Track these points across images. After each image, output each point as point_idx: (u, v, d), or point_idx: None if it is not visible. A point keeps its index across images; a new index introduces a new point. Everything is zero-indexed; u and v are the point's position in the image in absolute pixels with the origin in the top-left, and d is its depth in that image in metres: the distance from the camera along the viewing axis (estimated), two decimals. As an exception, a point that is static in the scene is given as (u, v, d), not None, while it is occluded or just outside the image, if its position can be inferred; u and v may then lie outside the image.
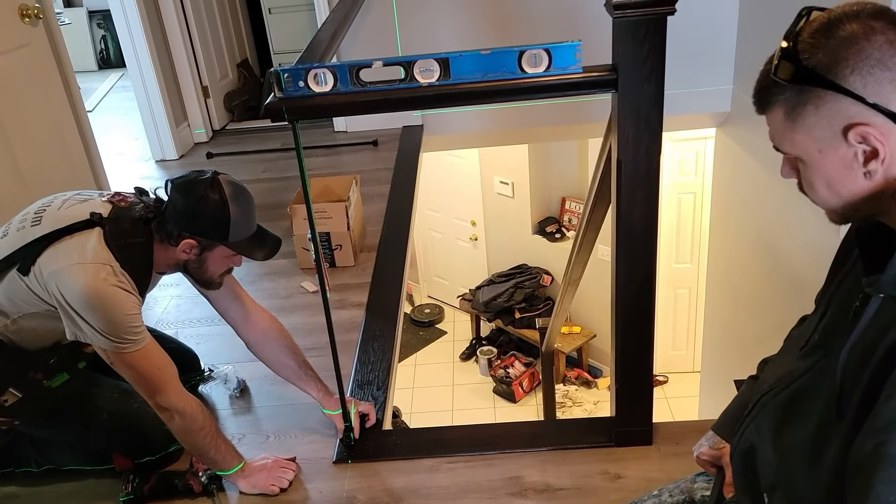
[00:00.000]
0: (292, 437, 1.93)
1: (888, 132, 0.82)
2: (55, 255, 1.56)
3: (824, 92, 0.83)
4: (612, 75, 1.43)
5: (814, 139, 0.86)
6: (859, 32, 0.82)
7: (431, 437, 2.04)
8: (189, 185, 1.64)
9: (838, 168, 0.86)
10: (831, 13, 0.85)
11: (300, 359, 1.90)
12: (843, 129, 0.83)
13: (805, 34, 0.86)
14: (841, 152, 0.85)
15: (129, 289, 1.58)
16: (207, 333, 2.41)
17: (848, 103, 0.82)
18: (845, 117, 0.83)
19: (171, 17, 4.03)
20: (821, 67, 0.83)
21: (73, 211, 1.63)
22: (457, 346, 6.51)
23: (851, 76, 0.81)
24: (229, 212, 1.62)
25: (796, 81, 0.85)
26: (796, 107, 0.86)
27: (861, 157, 0.84)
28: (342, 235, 2.70)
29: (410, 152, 3.73)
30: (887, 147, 0.82)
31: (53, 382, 1.75)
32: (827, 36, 0.84)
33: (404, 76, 1.39)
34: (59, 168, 2.89)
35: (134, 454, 1.80)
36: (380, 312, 2.46)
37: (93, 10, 6.79)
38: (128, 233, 1.63)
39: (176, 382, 1.65)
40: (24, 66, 2.71)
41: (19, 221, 1.65)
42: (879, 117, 0.81)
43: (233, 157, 4.05)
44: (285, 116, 1.44)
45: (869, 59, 0.81)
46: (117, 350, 1.56)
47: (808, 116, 0.86)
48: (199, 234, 1.65)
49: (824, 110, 0.84)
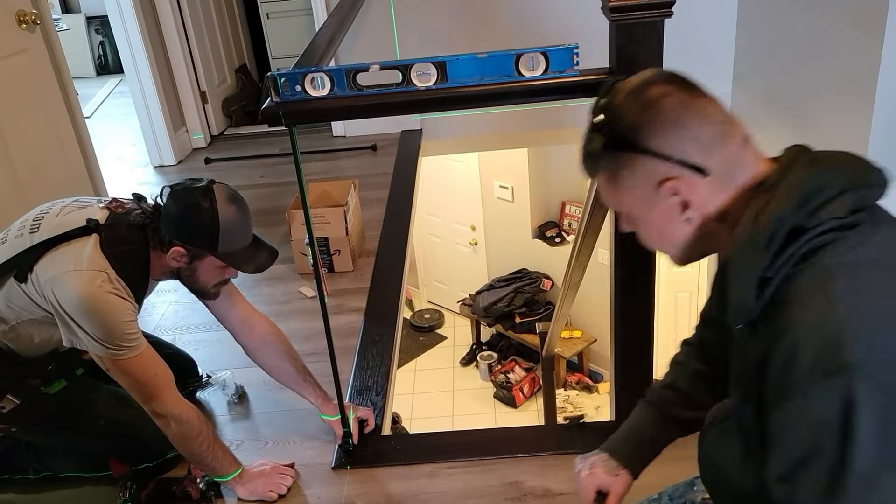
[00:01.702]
0: (291, 443, 1.92)
1: (694, 183, 0.91)
2: (52, 262, 1.56)
3: (634, 155, 0.93)
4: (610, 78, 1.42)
5: (636, 197, 0.96)
6: (656, 98, 0.91)
7: (430, 442, 2.04)
8: (183, 192, 1.62)
9: (663, 220, 0.96)
10: (632, 83, 0.95)
11: (299, 364, 1.89)
12: (656, 185, 0.93)
13: (611, 104, 0.95)
14: (661, 206, 0.94)
15: (125, 296, 1.57)
16: (205, 339, 2.40)
17: (656, 163, 0.92)
18: (657, 175, 0.92)
19: (169, 23, 4.03)
20: (628, 134, 0.92)
21: (71, 218, 1.63)
22: (457, 352, 6.50)
23: (654, 138, 0.91)
24: (219, 221, 1.60)
25: (608, 149, 0.95)
26: (615, 171, 0.96)
27: (678, 208, 0.93)
28: (341, 240, 2.69)
29: (409, 157, 3.73)
30: (697, 196, 0.92)
31: (51, 389, 1.75)
32: (629, 104, 0.93)
33: (401, 80, 1.39)
34: (57, 174, 2.88)
35: (131, 461, 1.80)
36: (379, 317, 2.45)
37: (91, 16, 6.80)
38: (124, 239, 1.62)
39: (172, 389, 1.64)
40: (22, 72, 2.71)
41: (17, 228, 1.65)
42: (685, 171, 0.91)
43: (231, 162, 4.05)
44: (282, 121, 1.44)
45: (666, 121, 0.90)
46: (113, 357, 1.55)
47: (627, 178, 0.95)
48: (189, 242, 1.63)
49: (639, 171, 0.94)
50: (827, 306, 0.79)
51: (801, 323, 0.80)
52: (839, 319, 0.78)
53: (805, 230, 0.83)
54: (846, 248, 0.82)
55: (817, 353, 0.78)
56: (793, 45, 3.20)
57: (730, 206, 0.92)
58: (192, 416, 1.65)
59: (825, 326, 0.78)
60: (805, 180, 0.86)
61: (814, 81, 3.03)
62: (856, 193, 0.85)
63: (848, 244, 0.82)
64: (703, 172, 0.91)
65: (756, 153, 0.93)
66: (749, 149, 0.93)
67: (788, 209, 0.84)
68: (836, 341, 0.77)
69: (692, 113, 0.91)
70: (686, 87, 0.93)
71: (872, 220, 0.85)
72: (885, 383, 0.76)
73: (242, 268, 1.70)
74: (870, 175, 0.88)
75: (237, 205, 1.65)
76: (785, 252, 0.84)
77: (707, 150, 0.90)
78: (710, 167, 0.90)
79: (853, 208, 0.84)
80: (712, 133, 0.91)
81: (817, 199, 0.84)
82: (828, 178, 0.86)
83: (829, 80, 2.89)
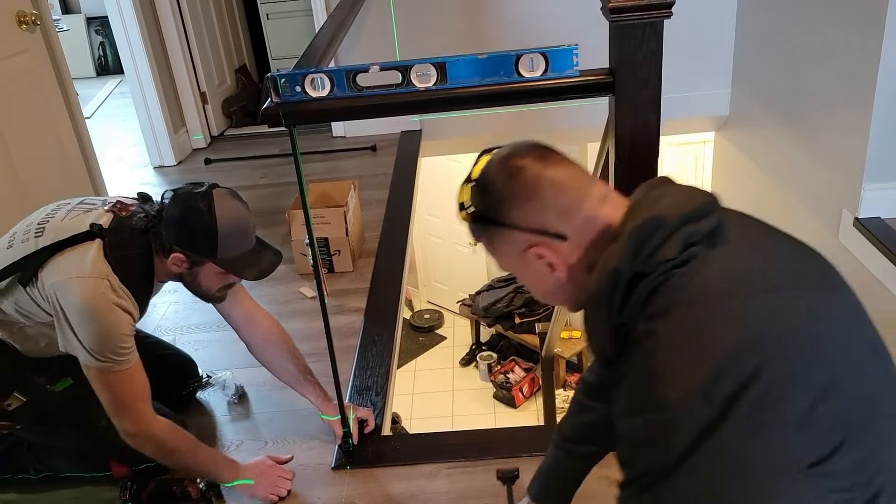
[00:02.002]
0: (291, 443, 1.92)
1: (556, 247, 0.98)
2: (56, 268, 1.56)
3: (499, 228, 1.00)
4: (610, 79, 1.43)
5: (510, 261, 1.04)
6: (516, 172, 0.98)
7: (430, 442, 2.04)
8: (183, 196, 1.61)
9: (538, 278, 1.03)
10: (498, 156, 1.02)
11: (301, 363, 1.89)
12: (523, 252, 1.00)
13: (479, 179, 1.02)
14: (533, 267, 1.01)
15: (128, 305, 1.57)
16: (205, 340, 2.41)
17: (519, 233, 0.99)
18: (521, 243, 0.99)
19: (169, 24, 4.03)
20: (490, 211, 1.00)
21: (75, 222, 1.63)
22: (457, 352, 6.49)
23: (514, 211, 0.98)
24: (217, 227, 1.58)
25: (475, 223, 1.03)
26: (489, 239, 1.04)
27: (547, 269, 1.00)
28: (340, 241, 2.69)
29: (409, 157, 3.74)
30: (560, 257, 0.99)
31: (57, 387, 1.75)
32: (489, 182, 1.00)
33: (401, 81, 1.39)
34: (57, 175, 2.88)
35: (132, 461, 1.79)
36: (378, 318, 2.45)
37: (91, 17, 6.79)
38: (127, 244, 1.61)
39: (145, 406, 1.62)
40: (22, 72, 2.71)
41: (23, 232, 1.65)
42: (546, 238, 0.98)
43: (231, 162, 4.05)
44: (282, 122, 1.44)
45: (524, 194, 0.98)
46: (99, 368, 1.55)
47: (499, 245, 1.03)
48: (188, 249, 1.62)
49: (507, 241, 1.01)
50: (653, 347, 0.86)
51: (634, 365, 0.89)
52: (657, 361, 0.85)
53: (644, 276, 0.89)
54: (674, 288, 0.88)
55: (640, 393, 0.87)
56: (792, 45, 3.21)
57: (593, 258, 0.97)
58: (163, 434, 1.64)
59: (648, 367, 0.86)
60: (634, 232, 0.90)
61: (813, 82, 3.03)
62: (687, 230, 0.90)
63: (678, 282, 0.88)
64: (562, 238, 0.98)
65: (615, 205, 0.98)
66: (607, 204, 0.98)
67: (622, 262, 0.90)
68: (652, 383, 0.85)
69: (547, 185, 0.97)
70: (543, 159, 0.99)
71: (710, 245, 0.90)
72: (695, 416, 0.81)
73: (243, 274, 1.69)
74: (700, 208, 0.92)
75: (237, 209, 1.64)
76: (629, 301, 0.90)
77: (563, 217, 0.97)
78: (568, 232, 0.98)
79: (686, 244, 0.89)
80: (567, 201, 0.97)
81: (649, 246, 0.89)
82: (656, 224, 0.90)
83: (828, 81, 2.89)
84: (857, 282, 0.93)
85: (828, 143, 2.91)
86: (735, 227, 0.94)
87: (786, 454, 0.80)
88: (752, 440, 0.80)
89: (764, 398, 0.79)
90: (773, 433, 0.80)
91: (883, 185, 2.64)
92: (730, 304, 0.85)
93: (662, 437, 0.83)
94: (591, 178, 1.01)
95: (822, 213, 2.94)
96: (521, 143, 1.03)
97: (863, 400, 0.84)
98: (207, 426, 2.03)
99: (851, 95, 2.71)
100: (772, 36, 3.43)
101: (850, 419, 0.81)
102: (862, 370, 0.85)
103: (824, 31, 2.90)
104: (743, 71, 3.81)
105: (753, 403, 0.79)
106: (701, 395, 0.81)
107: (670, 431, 0.82)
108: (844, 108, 2.78)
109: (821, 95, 2.97)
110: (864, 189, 2.64)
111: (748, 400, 0.79)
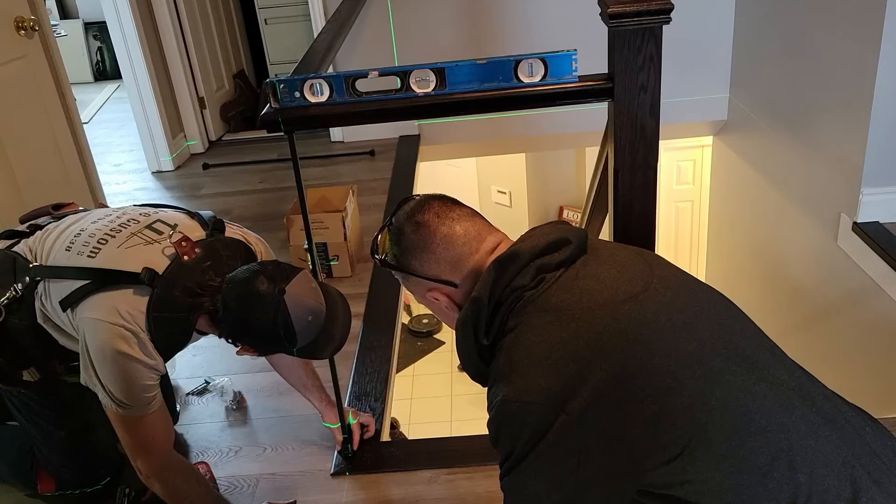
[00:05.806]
0: (289, 450, 1.92)
1: (447, 291, 1.16)
2: (92, 304, 1.47)
3: (404, 273, 1.18)
4: (608, 84, 1.42)
5: (420, 298, 1.20)
6: (413, 229, 1.15)
7: (429, 448, 2.03)
8: (250, 299, 1.45)
9: (441, 314, 1.21)
10: (402, 213, 1.18)
11: (309, 368, 1.87)
12: (425, 293, 1.18)
13: (387, 230, 1.19)
14: (435, 305, 1.19)
15: (153, 362, 1.48)
16: (203, 345, 2.37)
17: (419, 280, 1.17)
18: (423, 287, 1.17)
19: (167, 29, 4.03)
20: (396, 260, 1.18)
21: (132, 254, 1.51)
22: (455, 357, 6.48)
23: (412, 262, 1.16)
24: (296, 337, 1.45)
25: (387, 268, 1.20)
26: (401, 280, 1.21)
27: (447, 307, 1.18)
28: (339, 246, 2.69)
29: (407, 162, 3.74)
30: (456, 298, 1.16)
31: (70, 379, 1.69)
32: (399, 233, 1.17)
33: (400, 86, 1.39)
34: (55, 180, 2.88)
35: (90, 477, 1.78)
36: (377, 323, 2.45)
37: (89, 22, 6.80)
38: (174, 306, 1.48)
39: (165, 451, 1.58)
40: (20, 78, 2.70)
41: (83, 243, 1.54)
42: (440, 284, 1.15)
43: (229, 167, 4.05)
44: (281, 127, 1.43)
45: (418, 247, 1.15)
46: (120, 412, 1.50)
47: (407, 286, 1.21)
48: (261, 352, 1.58)
49: (412, 284, 1.19)
50: (504, 354, 1.05)
51: (492, 372, 1.08)
52: (499, 367, 1.05)
53: (502, 302, 1.07)
54: (525, 303, 1.06)
55: (490, 393, 1.06)
56: (790, 50, 3.21)
57: None
58: (176, 480, 1.59)
59: (498, 372, 1.05)
60: (492, 266, 1.08)
61: (811, 86, 3.04)
62: (540, 261, 1.07)
63: (529, 298, 1.05)
64: (453, 285, 1.15)
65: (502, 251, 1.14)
66: (497, 252, 1.13)
67: (481, 291, 1.07)
68: (499, 383, 1.04)
69: (439, 240, 1.14)
70: (441, 215, 1.15)
71: (562, 271, 1.08)
72: (514, 410, 1.01)
73: (320, 357, 1.60)
74: (555, 243, 1.10)
75: (312, 308, 1.48)
76: (494, 322, 1.08)
77: (453, 268, 1.14)
78: (458, 280, 1.14)
79: (538, 272, 1.07)
80: (456, 255, 1.14)
81: (506, 277, 1.07)
82: (511, 258, 1.08)
83: (826, 85, 2.90)
84: (856, 286, 0.93)
85: (826, 147, 2.92)
86: (592, 253, 1.12)
87: (626, 452, 0.94)
88: (587, 437, 0.95)
89: (598, 399, 0.94)
90: (609, 429, 0.94)
91: (882, 189, 2.64)
92: (570, 314, 1.01)
93: (510, 431, 1.01)
94: (487, 230, 1.17)
95: (820, 218, 2.95)
96: (428, 198, 1.19)
97: (702, 388, 0.95)
98: (205, 432, 2.03)
99: (850, 100, 2.71)
100: (770, 41, 3.44)
101: (690, 418, 0.92)
102: (701, 364, 0.96)
103: (822, 36, 2.91)
104: (741, 75, 3.82)
105: (588, 403, 0.94)
106: (542, 393, 0.97)
107: (518, 426, 1.00)
108: (843, 112, 2.78)
109: (819, 100, 2.97)
110: (863, 193, 2.64)
111: (583, 399, 0.94)
